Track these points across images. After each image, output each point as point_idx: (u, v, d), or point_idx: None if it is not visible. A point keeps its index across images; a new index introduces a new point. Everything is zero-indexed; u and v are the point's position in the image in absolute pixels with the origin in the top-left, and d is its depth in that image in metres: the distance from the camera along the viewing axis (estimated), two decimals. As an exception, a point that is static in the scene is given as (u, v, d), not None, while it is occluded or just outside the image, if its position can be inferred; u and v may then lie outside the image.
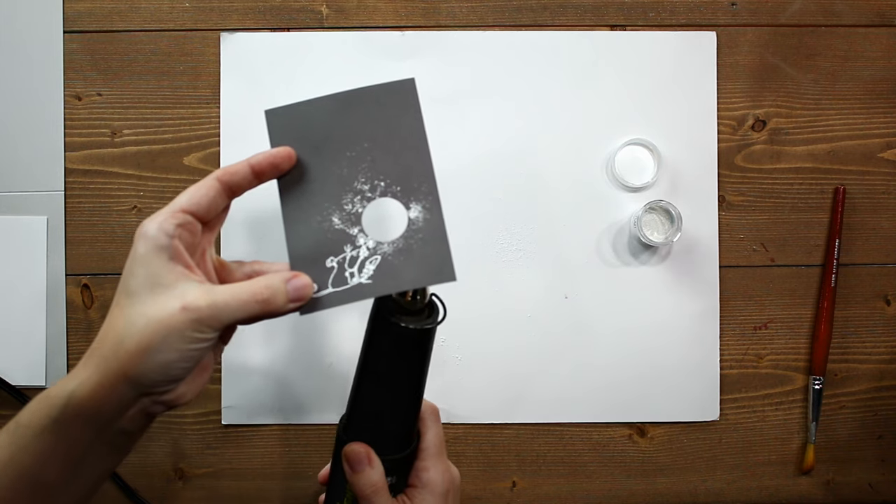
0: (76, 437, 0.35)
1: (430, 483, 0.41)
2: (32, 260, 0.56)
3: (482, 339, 0.56)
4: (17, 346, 0.55)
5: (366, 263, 0.39)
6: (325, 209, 0.39)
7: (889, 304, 0.57)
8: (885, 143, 0.57)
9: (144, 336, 0.34)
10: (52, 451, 0.34)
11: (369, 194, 0.40)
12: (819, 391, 0.56)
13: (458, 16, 0.57)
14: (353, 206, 0.39)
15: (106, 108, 0.56)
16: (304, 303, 0.38)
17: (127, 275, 0.35)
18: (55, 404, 0.34)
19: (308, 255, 0.39)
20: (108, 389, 0.34)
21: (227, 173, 0.38)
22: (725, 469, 0.57)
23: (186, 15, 0.57)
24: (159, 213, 0.36)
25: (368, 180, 0.39)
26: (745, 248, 0.57)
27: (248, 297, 0.35)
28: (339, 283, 0.39)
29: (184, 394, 0.37)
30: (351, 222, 0.39)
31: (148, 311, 0.34)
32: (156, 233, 0.35)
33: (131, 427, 0.36)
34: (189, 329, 0.34)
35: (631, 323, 0.56)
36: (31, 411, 0.35)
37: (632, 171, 0.56)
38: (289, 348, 0.56)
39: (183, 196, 0.37)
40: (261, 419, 0.56)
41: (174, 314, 0.34)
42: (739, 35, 0.57)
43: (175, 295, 0.34)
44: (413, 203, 0.40)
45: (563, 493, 0.57)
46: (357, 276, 0.39)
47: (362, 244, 0.39)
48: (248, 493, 0.56)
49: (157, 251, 0.35)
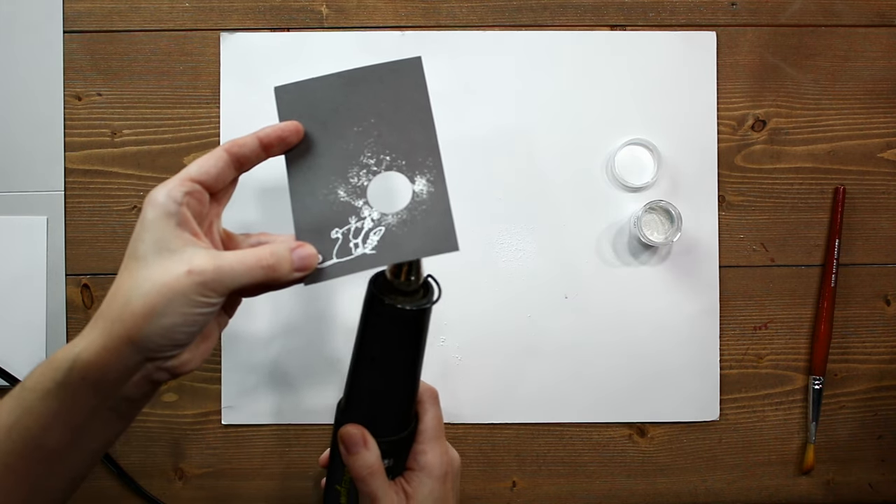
0: (80, 401, 0.35)
1: (428, 465, 0.41)
2: (32, 260, 0.56)
3: (482, 339, 0.56)
4: (17, 346, 0.55)
5: (370, 235, 0.40)
6: (331, 182, 0.40)
7: (889, 304, 0.57)
8: (885, 143, 0.57)
9: (150, 298, 0.34)
10: (55, 415, 0.34)
11: (375, 168, 0.40)
12: (819, 391, 0.56)
13: (458, 16, 0.57)
14: (358, 179, 0.40)
15: (106, 108, 0.56)
16: (309, 272, 0.38)
17: (135, 239, 0.36)
18: (60, 367, 0.34)
19: (313, 226, 0.40)
20: (112, 353, 0.34)
21: (235, 145, 0.38)
22: (725, 469, 0.57)
23: (186, 15, 0.57)
24: (169, 181, 0.36)
25: (374, 154, 0.40)
26: (745, 248, 0.57)
27: (254, 263, 0.36)
28: (343, 253, 0.40)
29: (188, 361, 0.37)
30: (356, 195, 0.40)
31: (154, 275, 0.34)
32: (164, 199, 0.35)
33: (136, 394, 0.36)
34: (194, 293, 0.34)
35: (631, 323, 0.56)
36: (36, 375, 0.35)
37: (632, 171, 0.56)
38: (289, 348, 0.56)
39: (192, 165, 0.37)
40: (261, 419, 0.56)
41: (180, 277, 0.34)
42: (739, 35, 0.57)
43: (181, 259, 0.35)
44: (418, 176, 0.40)
45: (563, 493, 0.57)
46: (361, 247, 0.40)
47: (367, 216, 0.40)
48: (248, 493, 0.56)
49: (166, 217, 0.35)
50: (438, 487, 0.41)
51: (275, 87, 0.40)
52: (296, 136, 0.39)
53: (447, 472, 0.42)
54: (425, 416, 0.43)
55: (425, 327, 0.40)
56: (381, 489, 0.39)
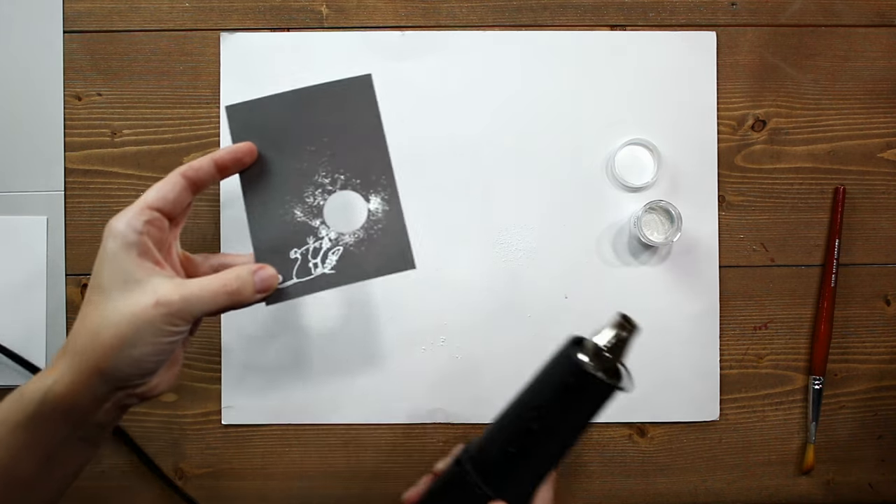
0: (51, 432, 0.35)
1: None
2: (32, 260, 0.56)
3: (482, 339, 0.56)
4: (17, 346, 0.55)
5: (329, 254, 0.41)
6: (287, 202, 0.41)
7: (889, 304, 0.57)
8: (885, 143, 0.57)
9: (119, 330, 0.35)
10: (26, 447, 0.35)
11: (329, 187, 0.41)
12: (819, 391, 0.56)
13: (458, 16, 0.57)
14: (314, 198, 0.41)
15: (106, 108, 0.56)
16: (270, 293, 0.39)
17: (97, 271, 0.36)
18: (32, 399, 0.35)
19: (272, 247, 0.41)
20: (83, 385, 0.35)
21: (191, 169, 0.38)
22: (725, 469, 0.57)
23: (186, 15, 0.57)
24: (127, 210, 0.37)
25: (329, 173, 0.41)
26: (745, 248, 0.57)
27: (219, 289, 0.37)
28: (302, 273, 0.41)
29: (156, 386, 0.38)
30: (313, 214, 0.41)
31: (121, 307, 0.35)
32: (125, 229, 0.36)
33: (106, 420, 0.37)
34: (162, 323, 0.35)
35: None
36: (4, 409, 0.35)
37: (632, 171, 0.56)
38: (289, 348, 0.56)
39: (150, 192, 0.37)
40: (261, 419, 0.56)
41: (147, 309, 0.35)
42: (739, 35, 0.57)
43: (147, 290, 0.35)
44: (372, 195, 0.41)
45: (562, 493, 0.57)
46: (321, 267, 0.41)
47: (324, 235, 0.41)
48: (248, 493, 0.56)
49: (127, 248, 0.36)
50: None
51: (226, 107, 0.40)
52: (250, 156, 0.40)
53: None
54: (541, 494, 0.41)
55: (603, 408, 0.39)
56: None
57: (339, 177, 0.41)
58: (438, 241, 0.56)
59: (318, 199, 0.41)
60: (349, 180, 0.41)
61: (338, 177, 0.41)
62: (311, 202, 0.41)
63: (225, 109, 0.40)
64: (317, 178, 0.41)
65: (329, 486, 0.56)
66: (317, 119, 0.40)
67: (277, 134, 0.40)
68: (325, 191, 0.41)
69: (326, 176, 0.41)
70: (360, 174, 0.41)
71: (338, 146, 0.41)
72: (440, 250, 0.56)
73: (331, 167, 0.41)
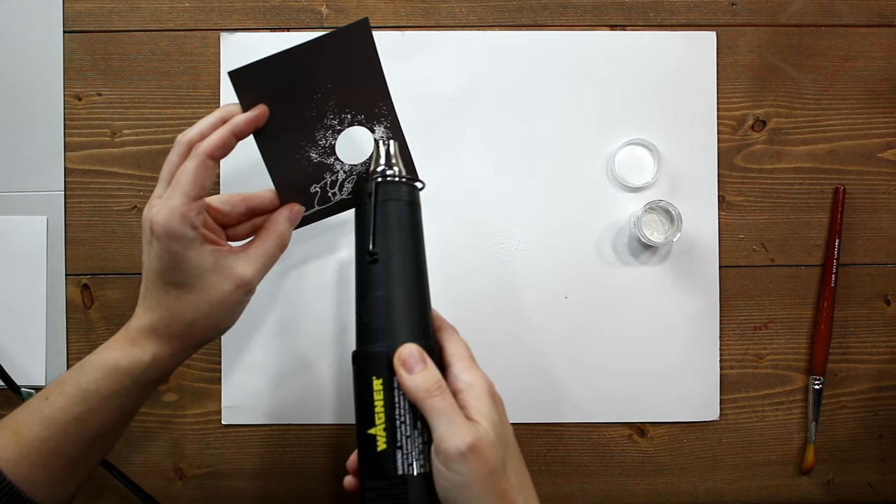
0: (143, 398, 0.42)
1: (475, 383, 0.38)
2: (32, 260, 0.56)
3: (482, 339, 0.56)
4: (17, 346, 0.55)
5: (345, 183, 0.46)
6: (302, 148, 0.43)
7: (889, 304, 0.57)
8: (884, 143, 0.57)
9: (212, 316, 0.40)
10: (118, 411, 0.40)
11: (338, 127, 0.44)
12: (819, 391, 0.56)
13: (458, 16, 0.57)
14: (326, 140, 0.44)
15: (106, 108, 0.56)
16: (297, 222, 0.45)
17: (164, 269, 0.39)
18: (131, 373, 0.40)
19: (294, 186, 0.44)
20: (178, 360, 0.41)
21: (215, 149, 0.39)
22: (725, 469, 0.57)
23: (186, 15, 0.57)
24: (174, 203, 0.38)
25: (336, 115, 0.43)
26: (745, 248, 0.57)
27: (275, 248, 0.42)
28: (323, 202, 0.46)
29: None
30: (327, 154, 0.44)
31: (209, 296, 0.39)
32: (181, 228, 0.38)
33: None
34: (245, 296, 0.41)
35: (631, 323, 0.56)
36: (95, 380, 0.39)
37: (632, 171, 0.56)
38: (289, 348, 0.56)
39: (188, 183, 0.38)
40: (261, 419, 0.56)
41: (232, 293, 0.40)
42: (739, 35, 0.57)
43: (225, 275, 0.40)
44: (376, 125, 0.44)
45: (563, 493, 0.57)
46: (339, 194, 0.46)
47: (339, 169, 0.45)
48: (248, 493, 0.56)
49: (189, 244, 0.38)
50: (492, 406, 0.37)
51: (228, 72, 0.40)
52: (264, 117, 0.41)
53: (493, 392, 0.38)
54: (448, 344, 0.40)
55: (419, 217, 0.43)
56: (453, 405, 0.36)
57: (346, 116, 0.44)
58: (438, 240, 0.56)
59: (329, 140, 0.44)
60: (355, 117, 0.44)
61: (345, 116, 0.44)
62: (324, 144, 0.44)
63: (228, 75, 0.40)
64: (326, 121, 0.43)
65: (329, 485, 0.56)
66: (320, 69, 0.42)
67: (284, 89, 0.41)
68: (334, 131, 0.44)
69: (334, 118, 0.43)
70: (364, 109, 0.44)
71: (342, 89, 0.43)
72: (440, 250, 0.56)
73: (337, 109, 0.43)
